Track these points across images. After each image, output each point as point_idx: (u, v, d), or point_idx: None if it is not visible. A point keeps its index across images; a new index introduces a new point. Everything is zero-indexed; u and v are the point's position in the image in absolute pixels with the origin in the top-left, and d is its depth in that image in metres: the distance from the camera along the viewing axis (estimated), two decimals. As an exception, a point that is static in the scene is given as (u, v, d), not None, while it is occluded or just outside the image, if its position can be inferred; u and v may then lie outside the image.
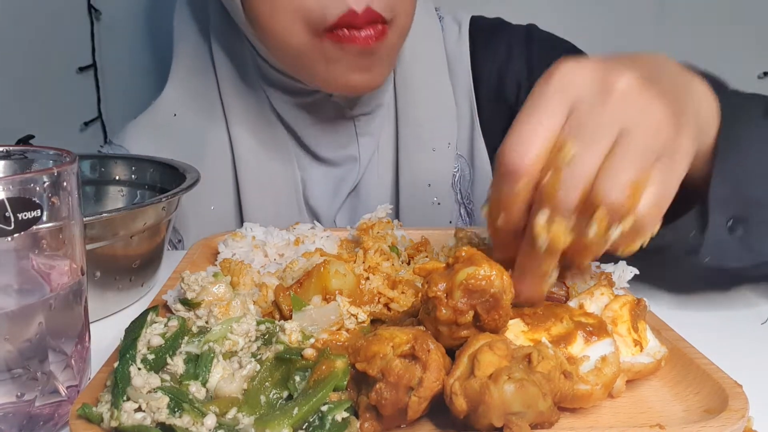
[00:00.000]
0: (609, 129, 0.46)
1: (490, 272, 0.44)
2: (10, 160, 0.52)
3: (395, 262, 0.63)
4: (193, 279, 0.54)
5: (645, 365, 0.48)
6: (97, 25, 1.34)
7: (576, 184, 0.45)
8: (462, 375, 0.41)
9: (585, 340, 0.47)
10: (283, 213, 0.94)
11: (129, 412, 0.40)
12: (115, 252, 0.65)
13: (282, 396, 0.44)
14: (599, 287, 0.52)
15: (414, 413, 0.41)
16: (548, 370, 0.42)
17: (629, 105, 0.46)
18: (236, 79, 0.94)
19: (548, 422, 0.42)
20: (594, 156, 0.45)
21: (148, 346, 0.46)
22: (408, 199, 0.96)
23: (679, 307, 0.67)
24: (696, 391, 0.47)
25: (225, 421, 0.41)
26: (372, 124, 0.95)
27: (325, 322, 0.51)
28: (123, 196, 0.87)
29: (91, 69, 1.36)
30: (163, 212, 0.70)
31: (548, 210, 0.45)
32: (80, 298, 0.48)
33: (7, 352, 0.43)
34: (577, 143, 0.45)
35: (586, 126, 0.46)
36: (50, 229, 0.44)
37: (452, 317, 0.44)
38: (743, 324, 0.66)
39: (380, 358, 0.42)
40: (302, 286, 0.55)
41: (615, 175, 0.45)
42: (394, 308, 0.57)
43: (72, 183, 0.46)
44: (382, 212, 0.70)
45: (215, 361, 0.45)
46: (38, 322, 0.44)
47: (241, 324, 0.48)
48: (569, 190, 0.45)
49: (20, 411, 0.44)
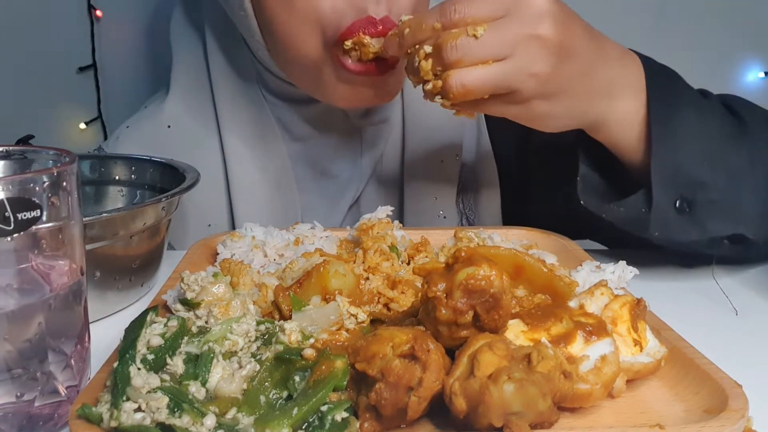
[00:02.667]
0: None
1: (489, 272, 0.44)
2: (10, 160, 0.52)
3: (395, 262, 0.63)
4: (192, 279, 0.54)
5: (645, 365, 0.48)
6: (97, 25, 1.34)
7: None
8: (462, 375, 0.42)
9: (585, 340, 0.47)
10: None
11: (129, 412, 0.40)
12: (114, 252, 0.65)
13: (282, 396, 0.44)
14: (599, 287, 0.52)
15: (414, 413, 0.41)
16: (548, 369, 0.42)
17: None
18: (235, 89, 0.92)
19: (548, 422, 0.42)
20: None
21: (148, 346, 0.46)
22: (413, 213, 0.94)
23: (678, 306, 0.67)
24: (696, 391, 0.47)
25: (225, 421, 0.41)
26: (378, 136, 0.93)
27: (325, 323, 0.51)
28: (123, 196, 0.87)
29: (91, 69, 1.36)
30: (162, 212, 0.70)
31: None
32: (80, 298, 0.48)
33: (7, 352, 0.43)
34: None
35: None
36: (50, 229, 0.44)
37: (452, 317, 0.44)
38: (743, 324, 0.66)
39: (380, 358, 0.42)
40: (302, 287, 0.55)
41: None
42: (394, 308, 0.57)
43: (72, 183, 0.46)
44: (383, 213, 0.70)
45: (215, 361, 0.45)
46: (38, 322, 0.44)
47: (241, 324, 0.48)
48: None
49: (20, 411, 0.44)
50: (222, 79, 0.92)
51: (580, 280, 0.60)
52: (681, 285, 0.75)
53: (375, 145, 0.94)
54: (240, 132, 0.92)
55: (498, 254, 0.53)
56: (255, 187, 0.92)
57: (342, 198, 0.95)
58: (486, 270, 0.44)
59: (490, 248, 0.54)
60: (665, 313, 0.57)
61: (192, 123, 0.94)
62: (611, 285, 0.57)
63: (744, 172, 0.71)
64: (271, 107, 0.92)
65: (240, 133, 0.92)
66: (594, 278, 0.60)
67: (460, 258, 0.46)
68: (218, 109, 0.93)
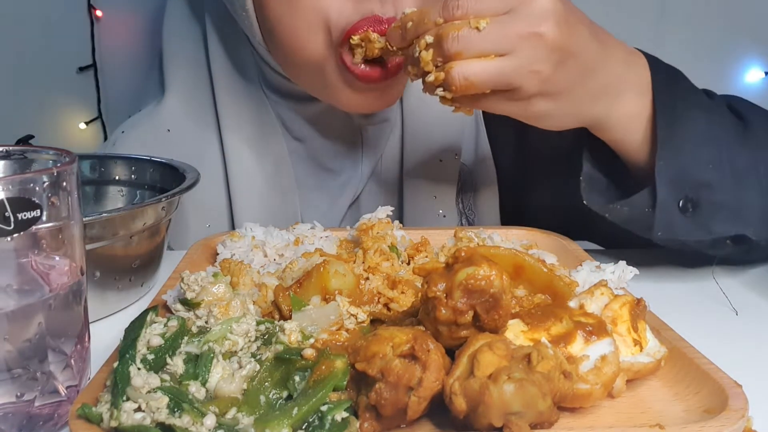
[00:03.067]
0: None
1: (489, 272, 0.44)
2: (10, 160, 0.52)
3: (395, 262, 0.63)
4: (192, 279, 0.54)
5: (645, 365, 0.48)
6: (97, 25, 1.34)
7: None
8: (462, 375, 0.42)
9: (585, 340, 0.47)
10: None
11: (129, 412, 0.40)
12: (114, 252, 0.65)
13: (282, 396, 0.44)
14: (599, 287, 0.52)
15: (414, 413, 0.41)
16: (548, 369, 0.42)
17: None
18: (236, 87, 0.91)
19: (548, 422, 0.42)
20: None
21: (148, 346, 0.46)
22: (413, 212, 0.94)
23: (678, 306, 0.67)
24: (696, 391, 0.47)
25: (225, 421, 0.41)
26: (378, 135, 0.93)
27: (325, 322, 0.51)
28: (123, 196, 0.86)
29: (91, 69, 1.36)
30: (162, 212, 0.70)
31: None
32: (80, 298, 0.48)
33: (7, 352, 0.43)
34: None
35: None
36: (50, 229, 0.44)
37: (452, 317, 0.44)
38: (743, 324, 0.66)
39: (380, 358, 0.42)
40: (302, 286, 0.55)
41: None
42: (394, 308, 0.57)
43: (72, 183, 0.46)
44: (383, 213, 0.70)
45: (215, 361, 0.45)
46: (38, 322, 0.44)
47: (241, 324, 0.48)
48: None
49: (20, 411, 0.44)
50: (223, 76, 0.92)
51: (580, 280, 0.60)
52: (681, 285, 0.75)
53: (375, 145, 0.94)
54: (240, 131, 0.92)
55: (498, 254, 0.53)
56: (255, 186, 0.92)
57: (341, 197, 0.95)
58: (486, 270, 0.44)
59: (490, 248, 0.54)
60: (665, 313, 0.57)
61: (192, 124, 0.94)
62: (611, 285, 0.57)
63: (748, 174, 0.71)
64: (273, 105, 0.92)
65: (240, 132, 0.92)
66: (594, 278, 0.60)
67: (460, 258, 0.46)
68: (219, 107, 0.92)
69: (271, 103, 0.92)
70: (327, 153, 0.94)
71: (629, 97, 0.70)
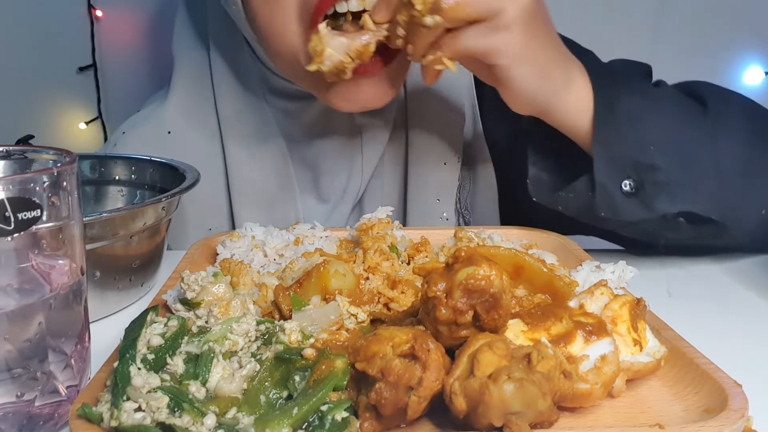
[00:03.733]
0: None
1: (489, 272, 0.44)
2: (10, 160, 0.52)
3: (395, 262, 0.63)
4: (193, 279, 0.54)
5: (644, 365, 0.48)
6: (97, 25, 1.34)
7: None
8: (462, 375, 0.42)
9: (584, 340, 0.47)
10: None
11: (129, 412, 0.40)
12: (114, 252, 0.65)
13: (282, 396, 0.44)
14: (599, 287, 0.52)
15: (414, 413, 0.41)
16: (548, 369, 0.42)
17: None
18: (236, 90, 0.91)
19: (548, 422, 0.42)
20: None
21: (148, 346, 0.46)
22: (416, 215, 0.94)
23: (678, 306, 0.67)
24: (695, 391, 0.47)
25: (225, 421, 0.41)
26: (379, 136, 0.93)
27: (325, 322, 0.51)
28: (123, 196, 0.87)
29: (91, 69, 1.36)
30: (162, 212, 0.70)
31: None
32: (80, 298, 0.48)
33: (7, 352, 0.43)
34: None
35: None
36: (50, 229, 0.44)
37: (452, 317, 0.44)
38: (743, 324, 0.66)
39: (380, 357, 0.42)
40: (302, 286, 0.55)
41: None
42: (394, 308, 0.57)
43: (72, 183, 0.46)
44: (383, 213, 0.70)
45: (215, 361, 0.45)
46: (38, 322, 0.44)
47: (241, 324, 0.48)
48: None
49: (20, 411, 0.44)
50: (224, 80, 0.92)
51: (580, 280, 0.60)
52: (681, 285, 0.75)
53: (376, 146, 0.94)
54: (241, 134, 0.92)
55: (498, 254, 0.53)
56: (255, 188, 0.92)
57: (343, 199, 0.95)
58: (486, 270, 0.44)
59: (489, 248, 0.54)
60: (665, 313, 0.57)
61: (193, 127, 0.94)
62: (611, 285, 0.57)
63: (700, 155, 0.73)
64: (272, 107, 0.92)
65: (241, 135, 0.92)
66: (594, 278, 0.60)
67: (460, 258, 0.46)
68: (219, 111, 0.92)
69: (270, 106, 0.92)
70: (328, 155, 0.93)
71: (579, 82, 0.74)
